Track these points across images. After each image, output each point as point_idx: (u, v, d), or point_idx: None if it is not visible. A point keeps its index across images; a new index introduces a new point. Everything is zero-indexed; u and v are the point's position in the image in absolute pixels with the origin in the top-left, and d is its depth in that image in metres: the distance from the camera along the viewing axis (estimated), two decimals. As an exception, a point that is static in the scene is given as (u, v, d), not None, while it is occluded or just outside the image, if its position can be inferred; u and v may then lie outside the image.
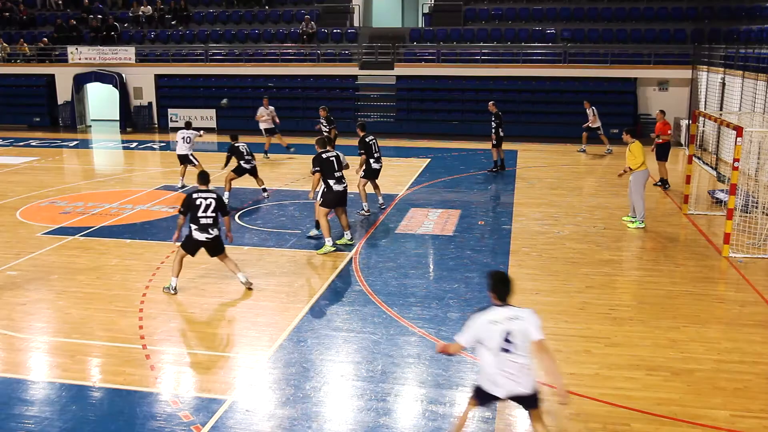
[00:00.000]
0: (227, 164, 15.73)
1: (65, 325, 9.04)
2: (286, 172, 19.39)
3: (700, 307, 9.62)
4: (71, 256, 11.77)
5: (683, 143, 22.62)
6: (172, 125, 28.25)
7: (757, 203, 13.57)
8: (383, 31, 30.02)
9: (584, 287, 10.34)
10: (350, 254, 11.84)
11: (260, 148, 20.49)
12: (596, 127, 22.22)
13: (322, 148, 12.04)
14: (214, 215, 9.73)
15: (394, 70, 26.92)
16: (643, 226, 13.39)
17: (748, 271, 11.08)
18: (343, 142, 19.67)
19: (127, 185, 17.82)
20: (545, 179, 18.26)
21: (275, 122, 21.36)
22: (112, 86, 28.84)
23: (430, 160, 21.21)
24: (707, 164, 19.56)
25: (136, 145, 24.88)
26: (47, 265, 11.31)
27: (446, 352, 5.83)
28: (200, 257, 10.35)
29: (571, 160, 21.39)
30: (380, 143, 14.73)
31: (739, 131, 11.60)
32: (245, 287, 10.11)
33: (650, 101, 25.43)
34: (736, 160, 11.55)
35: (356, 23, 30.57)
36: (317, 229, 12.56)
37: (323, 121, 19.44)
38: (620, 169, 14.19)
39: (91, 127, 29.81)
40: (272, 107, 21.52)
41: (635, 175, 13.18)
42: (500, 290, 5.63)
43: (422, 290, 10.19)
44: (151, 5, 31.37)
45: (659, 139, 16.78)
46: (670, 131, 16.98)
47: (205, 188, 9.88)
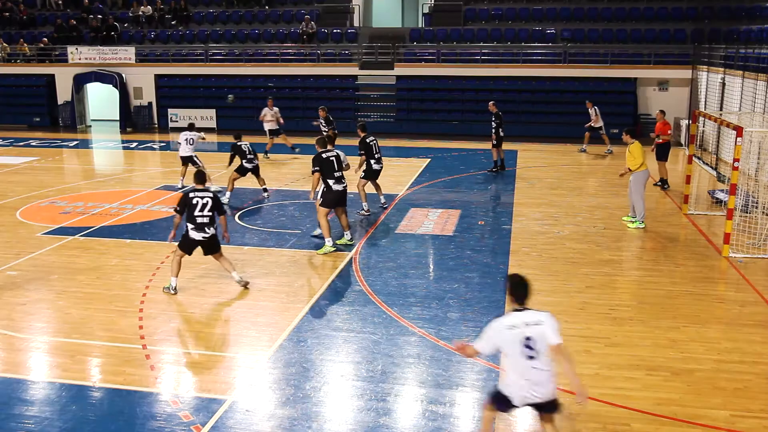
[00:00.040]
0: (231, 163, 15.76)
1: (65, 325, 9.04)
2: (286, 172, 19.39)
3: (700, 307, 9.62)
4: (71, 256, 11.77)
5: (683, 143, 22.62)
6: (172, 125, 28.28)
7: (757, 203, 13.57)
8: (383, 31, 30.02)
9: (584, 287, 10.34)
10: (350, 254, 11.84)
11: (262, 147, 20.48)
12: (599, 126, 22.22)
13: (322, 147, 12.04)
14: (210, 214, 9.74)
15: (394, 70, 26.92)
16: (643, 226, 13.39)
17: (748, 271, 11.08)
18: (342, 142, 19.63)
19: (127, 185, 17.82)
20: (545, 179, 18.26)
21: (280, 123, 21.35)
22: (112, 86, 28.85)
23: (430, 160, 21.21)
24: (707, 164, 19.56)
25: (136, 145, 24.88)
26: (47, 265, 11.32)
27: (462, 352, 5.69)
28: (200, 257, 10.36)
29: (571, 160, 21.38)
30: (380, 143, 14.74)
31: (739, 131, 11.60)
32: (240, 285, 10.11)
33: (650, 101, 25.43)
34: (736, 160, 11.55)
35: (356, 23, 30.56)
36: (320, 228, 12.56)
37: (322, 121, 19.44)
38: (620, 168, 14.21)
39: (91, 127, 29.81)
40: (277, 108, 21.51)
41: (635, 175, 13.18)
42: (518, 293, 5.53)
43: (422, 290, 10.19)
44: (151, 5, 31.37)
45: (659, 139, 16.77)
46: (670, 131, 16.97)
47: (201, 187, 9.90)
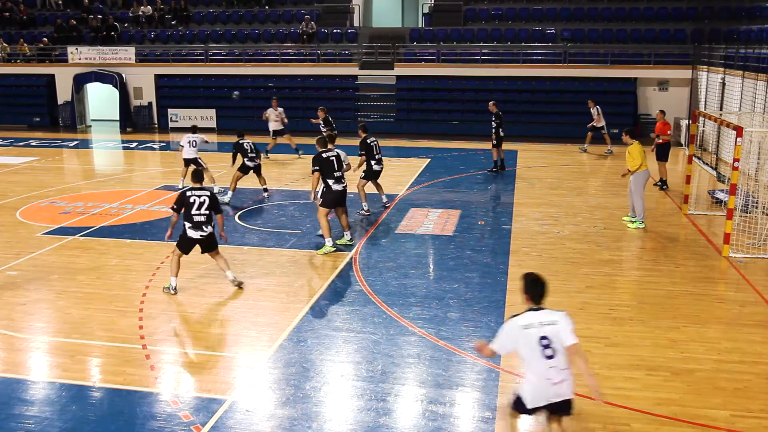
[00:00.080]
0: (234, 161, 15.76)
1: (65, 325, 9.04)
2: (286, 172, 19.39)
3: (700, 307, 9.62)
4: (71, 256, 11.77)
5: (683, 143, 22.62)
6: (172, 125, 28.28)
7: (757, 203, 13.57)
8: (383, 31, 30.02)
9: (584, 287, 10.34)
10: (350, 254, 11.84)
11: (263, 147, 20.46)
12: (600, 126, 22.20)
13: (322, 147, 12.03)
14: (207, 213, 9.75)
15: (394, 70, 26.92)
16: (643, 226, 13.39)
17: (748, 271, 11.08)
18: (342, 142, 19.62)
19: (127, 185, 17.82)
20: (545, 179, 18.26)
21: (284, 123, 21.35)
22: (112, 86, 28.85)
23: (430, 160, 21.21)
24: (707, 164, 19.56)
25: (136, 145, 24.88)
26: (47, 265, 11.31)
27: (481, 351, 5.64)
28: (201, 257, 10.36)
29: (571, 160, 21.38)
30: (380, 143, 14.75)
31: (739, 131, 11.60)
32: (233, 285, 10.10)
33: (650, 101, 25.42)
34: (736, 160, 11.55)
35: (356, 23, 30.56)
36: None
37: (321, 122, 19.44)
38: (621, 168, 14.23)
39: (91, 127, 29.80)
40: (281, 108, 21.50)
41: (635, 175, 13.19)
42: (534, 292, 5.49)
43: (422, 290, 10.19)
44: (151, 5, 31.37)
45: (659, 139, 16.77)
46: (670, 131, 16.97)
47: (198, 186, 9.91)
